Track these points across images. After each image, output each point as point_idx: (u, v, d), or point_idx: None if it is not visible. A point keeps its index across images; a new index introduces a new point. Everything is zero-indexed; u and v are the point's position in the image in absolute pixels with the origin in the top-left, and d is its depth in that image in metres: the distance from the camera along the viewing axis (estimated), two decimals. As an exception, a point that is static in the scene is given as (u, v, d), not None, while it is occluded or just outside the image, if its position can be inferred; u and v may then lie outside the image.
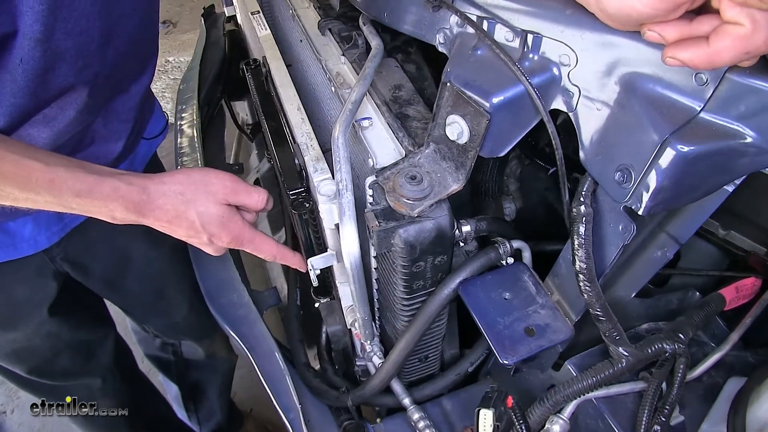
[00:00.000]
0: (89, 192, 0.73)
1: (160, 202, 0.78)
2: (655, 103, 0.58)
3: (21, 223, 0.95)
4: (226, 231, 0.82)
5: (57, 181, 0.71)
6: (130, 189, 0.76)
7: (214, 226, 0.81)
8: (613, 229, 0.68)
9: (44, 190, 0.71)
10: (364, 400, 0.91)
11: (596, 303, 0.70)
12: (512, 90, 0.64)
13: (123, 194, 0.75)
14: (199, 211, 0.80)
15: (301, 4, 1.12)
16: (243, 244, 0.86)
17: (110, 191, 0.74)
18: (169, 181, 0.80)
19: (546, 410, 0.72)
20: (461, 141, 0.69)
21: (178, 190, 0.79)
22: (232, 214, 0.83)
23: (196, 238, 0.83)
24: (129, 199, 0.76)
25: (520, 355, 0.71)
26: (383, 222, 0.71)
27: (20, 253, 0.98)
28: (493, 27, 0.67)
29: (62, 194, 0.72)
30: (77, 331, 1.21)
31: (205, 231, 0.81)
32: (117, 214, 0.77)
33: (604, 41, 0.59)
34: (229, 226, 0.82)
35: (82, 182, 0.72)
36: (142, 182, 0.77)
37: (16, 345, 1.12)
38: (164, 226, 0.81)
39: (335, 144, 0.71)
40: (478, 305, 0.75)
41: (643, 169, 0.58)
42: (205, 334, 1.53)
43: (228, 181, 0.83)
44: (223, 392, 1.72)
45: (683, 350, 0.70)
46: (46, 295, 1.09)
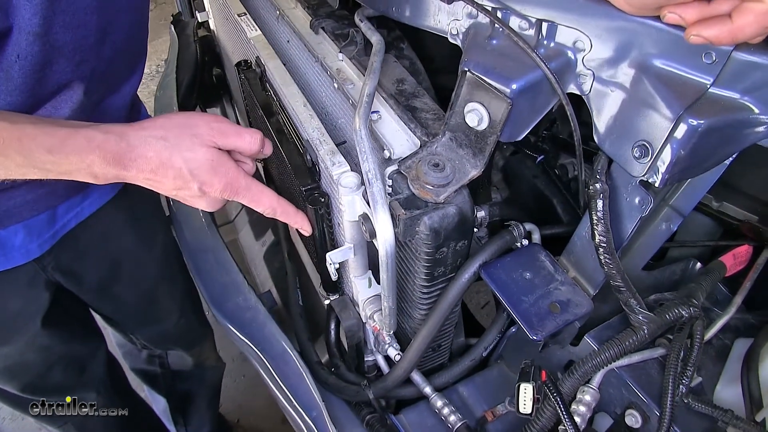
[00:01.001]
0: (61, 146, 0.66)
1: (141, 150, 0.70)
2: (667, 81, 0.62)
3: (12, 231, 0.91)
4: (218, 176, 0.75)
5: (25, 139, 0.64)
6: (106, 138, 0.69)
7: (204, 172, 0.74)
8: (629, 203, 0.72)
9: (13, 150, 0.64)
10: (386, 392, 0.91)
11: (617, 274, 0.73)
12: (531, 75, 0.67)
13: (99, 144, 0.68)
14: (185, 156, 0.72)
15: (288, 4, 1.12)
16: (238, 193, 0.78)
17: (84, 142, 0.67)
18: (150, 126, 0.73)
19: (576, 381, 0.75)
20: (480, 127, 0.71)
21: (160, 135, 0.72)
22: (222, 157, 0.76)
23: (186, 189, 0.75)
24: (106, 150, 0.68)
25: (549, 330, 0.74)
26: (408, 210, 0.72)
27: (12, 263, 0.94)
28: (507, 17, 0.70)
29: (33, 152, 0.65)
30: (69, 343, 1.17)
31: (194, 179, 0.73)
32: (96, 169, 0.69)
33: (617, 26, 0.63)
34: (220, 170, 0.75)
35: (52, 136, 0.66)
36: (120, 129, 0.71)
37: (9, 361, 1.08)
38: (149, 178, 0.73)
39: (358, 135, 0.72)
40: (501, 286, 0.77)
41: (659, 144, 0.62)
42: (195, 342, 1.51)
43: (214, 122, 0.76)
44: (212, 402, 1.69)
45: (699, 314, 0.75)
46: (39, 306, 1.05)
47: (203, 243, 1.19)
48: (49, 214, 0.96)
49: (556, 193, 1.05)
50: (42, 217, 0.95)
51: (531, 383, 0.72)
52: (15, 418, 2.03)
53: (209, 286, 1.08)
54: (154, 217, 1.26)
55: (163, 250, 1.28)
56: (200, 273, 1.12)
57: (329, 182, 0.81)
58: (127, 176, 0.72)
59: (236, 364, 2.06)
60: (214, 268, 1.11)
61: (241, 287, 1.06)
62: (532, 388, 0.71)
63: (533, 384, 0.72)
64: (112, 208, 1.09)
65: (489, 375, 0.97)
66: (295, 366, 0.91)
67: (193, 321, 1.46)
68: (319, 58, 0.97)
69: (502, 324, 0.93)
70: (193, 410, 1.65)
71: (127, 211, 1.14)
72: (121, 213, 1.12)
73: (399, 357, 0.91)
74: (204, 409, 1.66)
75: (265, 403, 1.97)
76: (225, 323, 1.01)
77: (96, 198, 1.05)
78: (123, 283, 1.21)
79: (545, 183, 1.08)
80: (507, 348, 0.96)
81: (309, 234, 0.86)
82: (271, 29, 1.17)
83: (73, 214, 1.02)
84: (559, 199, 1.04)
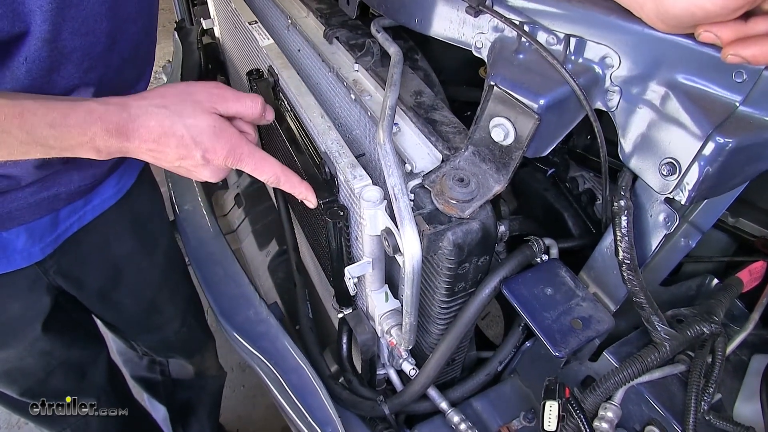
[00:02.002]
0: (63, 119, 0.65)
1: (142, 120, 0.70)
2: (696, 99, 0.62)
3: (14, 234, 0.90)
4: (220, 143, 0.73)
5: (26, 114, 0.64)
6: (107, 109, 0.68)
7: (206, 138, 0.72)
8: (653, 220, 0.72)
9: (15, 126, 0.64)
10: (402, 407, 0.90)
11: (640, 291, 0.73)
12: (559, 91, 0.67)
13: (100, 115, 0.67)
14: (186, 123, 0.71)
15: (299, 13, 1.11)
16: (242, 159, 0.76)
17: (86, 115, 0.67)
18: (150, 95, 0.72)
19: (598, 398, 0.74)
20: (506, 143, 0.71)
21: (161, 103, 0.71)
22: (224, 123, 0.74)
23: (189, 158, 0.73)
24: (108, 120, 0.68)
25: (572, 347, 0.73)
26: (432, 226, 0.71)
27: (13, 266, 0.93)
28: (534, 32, 0.70)
29: (35, 128, 0.64)
30: (70, 349, 1.16)
31: (197, 146, 0.72)
32: (99, 142, 0.68)
33: (647, 43, 0.63)
34: (223, 136, 0.73)
35: (53, 110, 0.65)
36: (120, 100, 0.70)
37: (8, 365, 1.06)
38: (152, 148, 0.72)
39: (383, 149, 0.71)
40: (523, 302, 0.77)
41: (687, 162, 0.62)
42: (197, 350, 1.49)
43: (214, 88, 0.75)
44: (212, 412, 1.67)
45: (720, 330, 0.75)
46: (40, 310, 1.03)
47: (212, 254, 1.18)
48: (52, 217, 0.95)
49: (567, 207, 1.05)
50: (44, 221, 0.94)
51: (557, 401, 0.71)
52: (11, 427, 1.98)
53: (218, 299, 1.06)
54: (157, 222, 1.25)
55: (166, 257, 1.26)
56: (209, 285, 1.10)
57: (349, 196, 0.80)
58: (129, 148, 0.71)
59: (236, 374, 2.04)
60: (223, 280, 1.09)
61: (251, 300, 1.04)
62: (558, 406, 0.71)
63: (559, 401, 0.71)
64: (115, 212, 1.08)
65: (503, 389, 0.97)
66: (309, 381, 0.90)
67: (195, 329, 1.45)
68: (334, 68, 0.96)
69: (517, 338, 0.92)
70: (193, 420, 1.63)
71: (130, 216, 1.13)
72: (123, 218, 1.11)
73: (414, 372, 0.90)
74: (204, 418, 1.64)
75: (264, 413, 1.95)
76: (236, 336, 0.99)
77: (98, 203, 1.04)
78: (124, 289, 1.19)
79: (555, 196, 1.07)
80: (522, 362, 0.96)
81: (314, 206, 0.83)
82: (281, 38, 1.16)
83: (76, 218, 1.01)
84: (570, 213, 1.04)
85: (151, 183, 1.23)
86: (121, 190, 1.09)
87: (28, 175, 0.84)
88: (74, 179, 0.92)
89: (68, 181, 0.91)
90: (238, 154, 0.75)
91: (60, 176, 0.90)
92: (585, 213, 1.02)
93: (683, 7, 0.54)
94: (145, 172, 1.18)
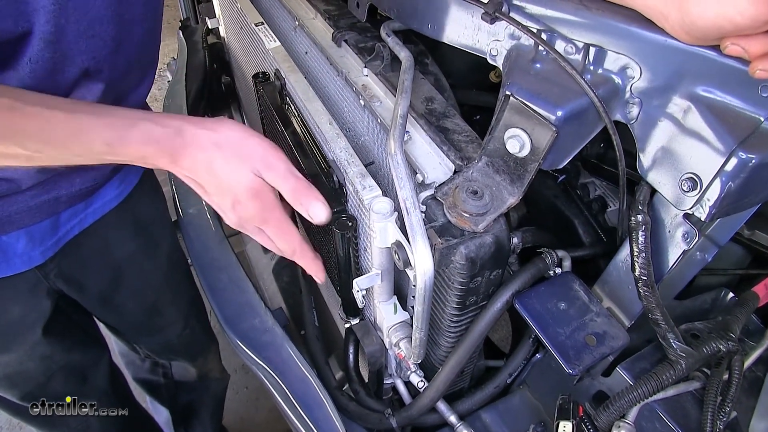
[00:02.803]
0: (121, 140, 0.67)
1: (193, 150, 0.70)
2: (719, 113, 0.60)
3: (14, 238, 0.89)
4: (253, 202, 0.73)
5: (84, 130, 0.65)
6: (164, 132, 0.69)
7: (242, 193, 0.72)
8: (671, 235, 0.70)
9: (71, 142, 0.65)
10: (410, 421, 0.89)
11: (656, 308, 0.71)
12: (577, 102, 0.65)
13: (157, 138, 0.68)
14: (229, 173, 0.71)
15: (307, 14, 1.09)
16: (267, 223, 0.75)
17: (143, 136, 0.68)
18: (208, 126, 0.71)
19: (611, 416, 0.72)
20: (521, 154, 0.69)
21: (215, 141, 0.70)
22: (265, 187, 0.73)
23: (220, 198, 0.74)
24: (164, 144, 0.69)
25: (586, 364, 0.72)
26: (444, 239, 0.69)
27: (13, 270, 0.92)
28: (552, 40, 0.68)
29: (93, 144, 0.66)
30: (70, 353, 1.15)
31: (231, 194, 0.72)
32: (149, 160, 0.70)
33: (670, 55, 0.61)
34: (259, 196, 0.73)
35: (111, 128, 0.66)
36: (178, 124, 0.70)
37: (9, 369, 1.05)
38: (190, 177, 0.73)
39: (394, 160, 0.69)
40: (536, 317, 0.75)
41: (709, 178, 0.60)
42: (199, 353, 1.48)
43: (270, 153, 0.72)
44: (215, 414, 1.67)
45: (737, 348, 0.73)
46: (41, 314, 1.02)
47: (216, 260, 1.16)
48: (52, 221, 0.94)
49: (577, 215, 1.03)
50: (45, 224, 0.93)
51: (571, 421, 0.69)
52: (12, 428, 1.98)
53: (223, 307, 1.04)
54: (159, 225, 1.24)
55: (168, 259, 1.25)
56: (213, 292, 1.08)
57: (358, 206, 0.78)
58: (173, 170, 0.72)
59: (239, 376, 2.03)
60: (228, 287, 1.08)
61: (257, 308, 1.02)
62: (572, 426, 0.69)
63: (573, 422, 0.69)
64: (116, 216, 1.07)
65: (511, 402, 0.95)
66: (316, 392, 0.88)
67: (198, 331, 1.44)
68: (342, 72, 0.94)
69: (527, 350, 0.90)
70: (195, 422, 1.62)
71: (131, 219, 1.12)
72: (124, 221, 1.10)
73: (422, 384, 0.88)
74: (207, 421, 1.63)
75: (267, 416, 1.94)
76: (240, 346, 0.97)
77: (99, 206, 1.03)
78: (125, 292, 1.18)
79: (566, 203, 1.05)
80: (532, 374, 0.94)
81: (321, 282, 0.83)
82: (288, 39, 1.14)
83: (77, 221, 1.00)
84: (580, 220, 1.02)
85: (154, 185, 1.22)
86: (123, 193, 1.07)
87: (28, 179, 0.82)
88: (75, 182, 0.91)
89: (69, 184, 0.90)
90: (266, 219, 0.75)
91: (61, 179, 0.89)
92: (596, 221, 1.00)
93: (711, 19, 0.52)
94: (148, 174, 1.17)
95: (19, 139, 0.62)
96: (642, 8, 0.61)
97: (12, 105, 0.61)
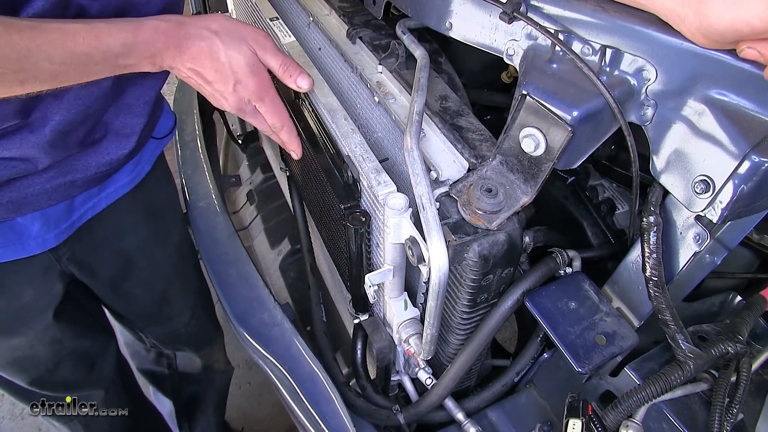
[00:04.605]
0: (134, 37, 0.73)
1: (195, 40, 0.78)
2: (733, 117, 0.61)
3: (29, 220, 0.90)
4: (253, 79, 0.82)
5: (102, 36, 0.70)
6: (169, 26, 0.77)
7: (242, 72, 0.81)
8: (683, 237, 0.71)
9: (93, 48, 0.70)
10: (418, 418, 0.89)
11: (666, 309, 0.72)
12: (593, 103, 0.65)
13: (164, 31, 0.76)
14: (229, 54, 0.80)
15: (321, 11, 1.09)
16: (264, 100, 0.85)
17: (152, 31, 0.75)
18: (204, 20, 0.81)
19: (619, 415, 0.73)
20: (536, 153, 0.69)
21: (214, 29, 0.80)
22: (260, 64, 0.84)
23: (222, 83, 0.81)
24: (170, 35, 0.76)
25: (595, 363, 0.72)
26: (458, 236, 0.70)
27: (28, 252, 0.92)
28: (569, 41, 0.68)
29: (110, 47, 0.71)
30: (80, 339, 1.16)
31: (232, 75, 0.81)
32: (157, 56, 0.77)
33: (686, 58, 0.61)
34: (256, 74, 0.83)
35: (124, 30, 0.72)
36: (178, 19, 0.79)
37: (18, 353, 1.06)
38: (193, 67, 0.80)
39: (411, 156, 0.69)
40: (547, 316, 0.75)
41: (722, 180, 0.61)
42: (205, 344, 1.49)
43: (260, 35, 0.84)
44: (219, 407, 1.67)
45: (745, 350, 0.73)
46: (52, 297, 1.04)
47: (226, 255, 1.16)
48: (67, 204, 0.95)
49: (586, 216, 1.03)
50: (60, 207, 0.94)
51: (581, 419, 0.70)
52: (14, 417, 1.98)
53: (232, 302, 1.05)
54: (170, 213, 1.25)
55: (177, 248, 1.26)
56: (223, 287, 1.08)
57: (372, 202, 0.78)
58: (178, 63, 0.79)
59: (242, 371, 2.03)
60: (237, 281, 1.08)
61: (266, 303, 1.03)
62: (581, 424, 0.70)
63: (582, 420, 0.70)
64: (128, 201, 1.08)
65: (518, 400, 0.95)
66: (324, 388, 0.89)
67: (205, 322, 1.45)
68: (357, 69, 0.94)
69: (535, 349, 0.91)
70: (199, 415, 1.62)
71: (143, 205, 1.13)
72: (136, 207, 1.11)
73: (430, 381, 0.89)
74: (210, 414, 1.64)
75: (270, 411, 1.94)
76: (249, 340, 0.98)
77: (112, 191, 1.04)
78: (135, 279, 1.19)
79: (575, 204, 1.06)
80: (539, 373, 0.95)
81: (298, 157, 0.93)
82: (301, 35, 1.14)
83: (90, 206, 1.01)
84: (589, 222, 1.03)
85: (166, 173, 1.23)
86: (136, 179, 1.08)
87: (45, 157, 0.83)
88: (91, 165, 0.92)
89: (85, 167, 0.91)
90: (262, 93, 0.84)
91: (77, 161, 0.90)
92: (604, 222, 1.01)
93: (728, 22, 0.53)
94: (161, 161, 1.18)
95: (45, 53, 0.66)
96: (659, 11, 0.62)
97: (32, 24, 0.65)
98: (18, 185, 0.84)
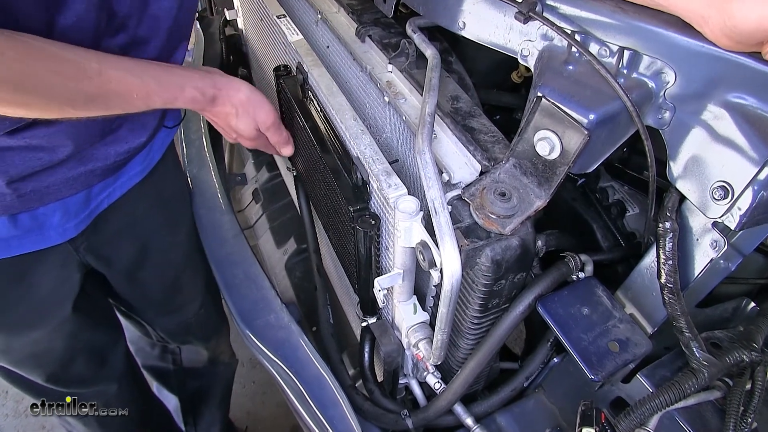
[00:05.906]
0: (174, 99, 0.85)
1: (220, 106, 0.92)
2: (754, 122, 0.59)
3: (50, 210, 0.90)
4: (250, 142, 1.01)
5: (151, 96, 0.81)
6: (205, 97, 0.89)
7: (245, 135, 0.99)
8: (699, 243, 0.70)
9: (140, 103, 0.80)
10: (427, 422, 0.88)
11: (681, 316, 0.71)
12: (610, 106, 0.64)
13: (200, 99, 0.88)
14: (239, 125, 0.95)
15: (330, 8, 1.08)
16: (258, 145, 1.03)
17: (191, 97, 0.87)
18: (233, 89, 0.92)
19: (632, 423, 0.72)
20: (551, 157, 0.68)
21: (236, 103, 0.93)
22: (260, 134, 0.99)
23: (227, 134, 1.02)
24: (203, 102, 0.89)
25: (608, 371, 0.71)
26: (470, 240, 0.69)
27: (48, 242, 0.93)
28: (586, 42, 0.67)
29: (154, 103, 0.82)
30: (94, 332, 1.17)
31: (237, 134, 1.00)
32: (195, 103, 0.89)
33: (707, 60, 0.60)
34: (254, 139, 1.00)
35: (171, 91, 0.84)
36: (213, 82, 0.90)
37: (37, 347, 1.06)
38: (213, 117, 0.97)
39: (422, 159, 0.68)
40: (560, 322, 0.74)
41: (741, 186, 0.59)
42: (213, 334, 1.49)
43: (269, 117, 0.96)
44: (224, 401, 1.68)
45: (760, 358, 0.72)
46: (71, 288, 1.04)
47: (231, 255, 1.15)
48: (86, 193, 0.96)
49: (596, 218, 1.02)
50: (79, 197, 0.94)
51: (594, 427, 0.69)
52: (18, 415, 1.98)
53: (237, 302, 1.04)
54: (180, 201, 1.27)
55: (188, 236, 1.28)
56: (228, 287, 1.07)
57: (382, 204, 0.77)
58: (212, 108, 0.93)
59: (246, 370, 2.02)
60: (243, 282, 1.07)
61: (272, 304, 1.02)
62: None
63: (596, 428, 0.69)
64: (140, 190, 1.08)
65: (527, 405, 0.94)
66: (331, 391, 0.88)
67: (213, 312, 1.45)
68: (367, 68, 0.93)
69: (545, 354, 0.90)
70: (204, 409, 1.63)
71: (154, 193, 1.14)
72: (148, 195, 1.12)
73: (439, 385, 0.88)
74: (215, 408, 1.64)
75: (274, 410, 1.94)
76: (255, 341, 0.97)
77: (126, 180, 1.05)
78: (149, 267, 1.20)
79: (585, 207, 1.05)
80: (548, 378, 0.93)
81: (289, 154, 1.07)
82: (309, 33, 1.13)
83: (106, 195, 1.02)
84: (599, 225, 1.01)
85: (176, 162, 1.24)
86: (147, 168, 1.09)
87: (65, 148, 0.83)
88: (110, 154, 0.92)
89: (104, 156, 0.92)
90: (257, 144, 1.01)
91: (97, 150, 0.90)
92: (614, 225, 1.00)
93: (755, 22, 0.52)
94: (171, 150, 1.18)
95: (104, 103, 0.76)
96: (681, 11, 0.61)
97: (100, 70, 0.72)
98: (40, 175, 0.84)
